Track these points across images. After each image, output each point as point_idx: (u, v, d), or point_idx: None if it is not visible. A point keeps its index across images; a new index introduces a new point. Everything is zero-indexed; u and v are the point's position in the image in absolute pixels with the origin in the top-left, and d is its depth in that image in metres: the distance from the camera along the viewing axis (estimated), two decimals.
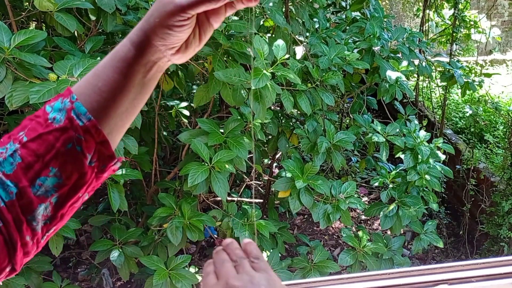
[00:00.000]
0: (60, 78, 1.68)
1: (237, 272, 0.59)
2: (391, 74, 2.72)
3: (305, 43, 2.76)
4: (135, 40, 0.58)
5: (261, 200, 3.31)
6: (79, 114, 0.57)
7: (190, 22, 0.57)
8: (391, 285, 1.11)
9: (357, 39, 3.02)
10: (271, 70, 2.12)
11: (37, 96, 1.59)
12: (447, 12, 4.46)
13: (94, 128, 0.58)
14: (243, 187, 3.37)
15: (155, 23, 0.56)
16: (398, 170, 2.90)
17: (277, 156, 3.33)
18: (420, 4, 5.15)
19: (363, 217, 4.23)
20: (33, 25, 3.31)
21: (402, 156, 2.79)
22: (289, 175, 2.50)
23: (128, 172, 2.19)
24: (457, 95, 5.62)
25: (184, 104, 2.69)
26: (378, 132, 2.83)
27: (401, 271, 1.13)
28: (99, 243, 2.40)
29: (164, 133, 3.11)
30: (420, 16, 4.66)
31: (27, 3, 1.99)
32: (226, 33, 2.27)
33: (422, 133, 2.88)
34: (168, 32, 0.56)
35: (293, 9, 2.65)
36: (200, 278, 3.15)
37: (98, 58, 1.99)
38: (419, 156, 2.72)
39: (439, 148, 2.95)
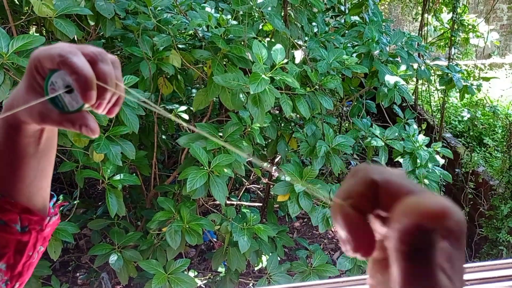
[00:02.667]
0: None
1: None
2: (390, 79, 2.73)
3: (304, 47, 2.76)
4: (4, 120, 0.57)
5: (260, 204, 3.31)
6: None
7: None
8: None
9: (356, 43, 3.03)
10: (270, 75, 2.13)
11: None
12: (446, 16, 4.47)
13: (8, 203, 0.58)
14: (243, 190, 3.38)
15: (17, 113, 0.55)
16: None
17: (276, 160, 3.33)
18: (419, 8, 5.17)
19: None
20: (33, 29, 3.32)
21: (401, 160, 2.80)
22: (288, 179, 2.50)
23: (126, 178, 2.20)
24: (456, 99, 5.63)
25: (183, 108, 2.70)
26: (377, 136, 2.84)
27: None
28: (98, 247, 2.40)
29: (163, 136, 3.12)
30: (419, 20, 4.67)
31: (27, 8, 2.00)
32: (225, 37, 2.28)
33: (421, 137, 2.89)
34: (30, 120, 0.55)
35: (292, 14, 2.66)
36: (199, 283, 3.16)
37: None
38: (418, 160, 2.73)
39: (438, 152, 2.95)
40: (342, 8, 3.67)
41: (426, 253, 0.28)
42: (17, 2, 2.40)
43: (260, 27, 2.60)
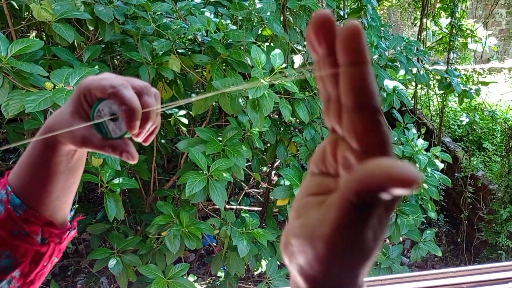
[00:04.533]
0: (56, 87, 1.69)
1: None
2: (389, 83, 2.74)
3: (303, 52, 2.77)
4: (42, 141, 0.60)
5: (260, 208, 3.31)
6: (15, 206, 0.60)
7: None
8: None
9: None
10: (269, 79, 2.14)
11: (33, 105, 1.60)
12: (444, 21, 4.49)
13: (33, 216, 0.60)
14: (242, 195, 3.38)
15: (57, 136, 0.59)
16: None
17: (275, 164, 3.33)
18: (418, 13, 5.19)
19: None
20: (33, 34, 3.33)
21: None
22: (287, 183, 2.50)
23: (125, 181, 2.20)
24: (455, 103, 5.64)
25: (182, 112, 2.70)
26: None
27: (389, 278, 1.13)
28: (98, 252, 2.40)
29: (163, 141, 3.12)
30: (418, 25, 4.69)
31: (27, 13, 2.01)
32: (224, 42, 2.29)
33: (420, 142, 2.89)
34: (68, 142, 0.59)
35: (291, 18, 2.67)
36: (199, 287, 3.15)
37: (96, 67, 2.00)
38: (417, 165, 2.73)
39: (437, 157, 2.95)
40: (341, 13, 3.69)
41: (370, 210, 0.28)
42: (17, 7, 2.41)
43: (259, 32, 2.61)
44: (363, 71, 0.29)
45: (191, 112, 2.55)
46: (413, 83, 4.28)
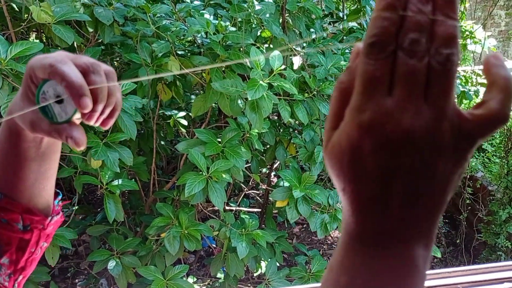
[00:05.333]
0: None
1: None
2: None
3: (302, 53, 2.78)
4: (7, 125, 0.59)
5: (259, 210, 3.31)
6: None
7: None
8: None
9: None
10: (268, 81, 2.14)
11: None
12: None
13: (9, 204, 0.60)
14: (241, 196, 3.38)
15: (14, 122, 0.57)
16: None
17: (275, 166, 3.34)
18: None
19: None
20: (33, 36, 3.33)
21: None
22: (287, 184, 2.51)
23: (124, 183, 2.20)
24: None
25: (182, 113, 2.71)
26: None
27: None
28: (97, 253, 2.40)
29: (162, 142, 3.13)
30: None
31: (27, 15, 2.01)
32: (224, 43, 2.29)
33: None
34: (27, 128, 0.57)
35: (290, 20, 2.67)
36: None
37: None
38: None
39: None
40: (340, 14, 3.69)
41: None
42: (16, 9, 2.41)
43: (259, 33, 2.62)
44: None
45: (190, 114, 2.55)
46: None
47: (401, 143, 0.30)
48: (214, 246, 3.12)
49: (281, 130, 2.90)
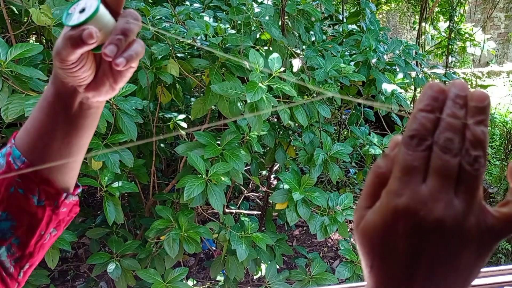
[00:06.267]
0: None
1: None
2: (387, 87, 2.75)
3: (301, 56, 2.78)
4: (51, 78, 0.58)
5: (259, 212, 3.31)
6: (15, 157, 0.59)
7: (78, 65, 0.54)
8: None
9: (354, 52, 3.05)
10: (267, 83, 2.14)
11: (32, 109, 1.60)
12: (443, 25, 4.50)
13: (30, 170, 0.59)
14: (241, 199, 3.38)
15: (54, 64, 0.55)
16: None
17: (274, 168, 3.33)
18: (417, 17, 5.21)
19: None
20: (33, 38, 3.34)
21: None
22: (286, 187, 2.51)
23: (124, 185, 2.20)
24: None
25: (182, 116, 2.71)
26: (375, 144, 2.84)
27: None
28: (96, 256, 2.40)
29: (162, 145, 3.13)
30: (417, 28, 4.70)
31: (26, 18, 2.02)
32: (223, 46, 2.30)
33: None
34: (62, 73, 0.55)
35: (289, 22, 2.68)
36: None
37: None
38: None
39: None
40: (340, 17, 3.70)
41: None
42: (16, 12, 2.42)
43: (258, 36, 2.62)
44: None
45: (190, 116, 2.55)
46: (412, 87, 4.29)
47: (431, 230, 0.33)
48: (214, 248, 3.12)
49: (281, 133, 2.91)
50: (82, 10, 0.52)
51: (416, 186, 0.33)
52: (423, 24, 4.53)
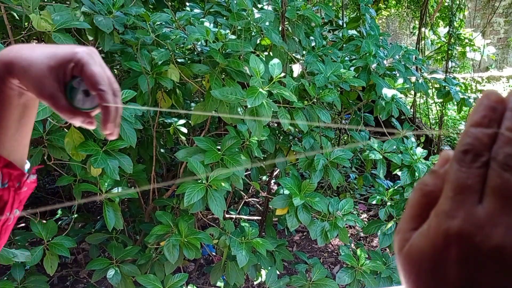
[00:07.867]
0: None
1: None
2: (387, 92, 2.75)
3: (301, 61, 2.78)
4: None
5: (259, 218, 3.30)
6: None
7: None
8: None
9: (354, 57, 3.05)
10: (267, 88, 2.14)
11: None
12: (443, 30, 4.51)
13: None
14: (241, 204, 3.37)
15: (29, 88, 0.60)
16: (396, 187, 2.90)
17: (275, 173, 3.33)
18: (416, 22, 5.22)
19: (362, 234, 4.21)
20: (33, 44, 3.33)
21: (399, 173, 2.80)
22: (287, 192, 2.50)
23: (124, 191, 2.20)
24: (454, 111, 5.65)
25: (182, 121, 2.71)
26: (375, 149, 2.84)
27: None
28: (96, 262, 2.39)
29: (162, 150, 3.12)
30: (417, 34, 4.71)
31: (27, 23, 2.02)
32: (223, 51, 2.30)
33: (419, 150, 2.89)
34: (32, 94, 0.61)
35: (290, 28, 2.68)
36: None
37: None
38: (416, 173, 2.73)
39: None
40: (340, 22, 3.71)
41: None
42: (17, 17, 2.42)
43: (258, 41, 2.62)
44: None
45: (190, 122, 2.55)
46: (412, 92, 4.29)
47: (489, 258, 0.28)
48: (214, 254, 3.11)
49: (281, 138, 2.90)
50: (86, 91, 0.59)
51: (471, 207, 0.29)
52: (423, 29, 4.54)
